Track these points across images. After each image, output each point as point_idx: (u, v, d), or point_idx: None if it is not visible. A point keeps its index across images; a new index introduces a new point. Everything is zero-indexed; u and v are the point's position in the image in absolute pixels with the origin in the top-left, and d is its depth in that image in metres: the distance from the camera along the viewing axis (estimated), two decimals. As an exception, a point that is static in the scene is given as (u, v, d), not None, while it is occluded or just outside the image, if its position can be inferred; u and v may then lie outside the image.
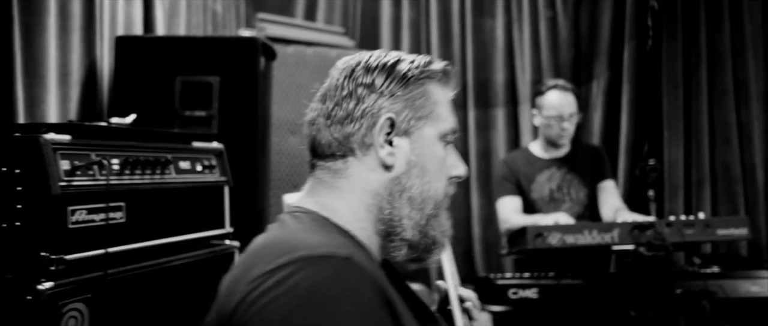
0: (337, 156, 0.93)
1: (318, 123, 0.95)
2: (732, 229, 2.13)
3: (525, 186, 2.80)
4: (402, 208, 0.92)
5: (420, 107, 0.94)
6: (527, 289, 2.10)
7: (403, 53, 1.00)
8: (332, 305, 0.71)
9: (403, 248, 0.93)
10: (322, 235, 0.84)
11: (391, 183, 0.92)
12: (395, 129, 0.92)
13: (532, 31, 3.85)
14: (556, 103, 2.73)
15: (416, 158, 0.93)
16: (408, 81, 0.93)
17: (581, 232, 2.07)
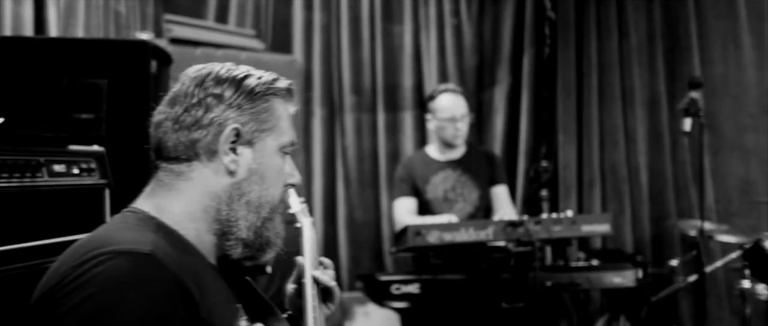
0: (182, 159, 1.00)
1: (165, 126, 1.01)
2: (595, 225, 2.31)
3: (420, 187, 2.92)
4: (239, 211, 1.00)
5: (264, 121, 1.02)
6: (409, 285, 2.21)
7: (253, 69, 1.07)
8: (123, 295, 0.80)
9: (238, 247, 1.02)
10: (135, 233, 0.91)
11: (231, 188, 1.00)
12: (240, 138, 1.00)
13: (438, 38, 4.00)
14: (449, 105, 2.87)
15: (257, 166, 1.01)
16: (255, 95, 1.02)
17: (458, 230, 2.21)
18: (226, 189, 1.00)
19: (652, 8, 3.84)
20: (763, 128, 3.87)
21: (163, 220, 0.98)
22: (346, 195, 4.00)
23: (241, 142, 1.00)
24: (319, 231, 4.01)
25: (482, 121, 4.06)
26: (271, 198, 1.04)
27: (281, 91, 1.05)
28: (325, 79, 4.02)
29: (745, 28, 3.83)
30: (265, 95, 1.02)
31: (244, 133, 1.00)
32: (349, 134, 4.01)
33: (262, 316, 1.13)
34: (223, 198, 1.00)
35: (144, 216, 0.98)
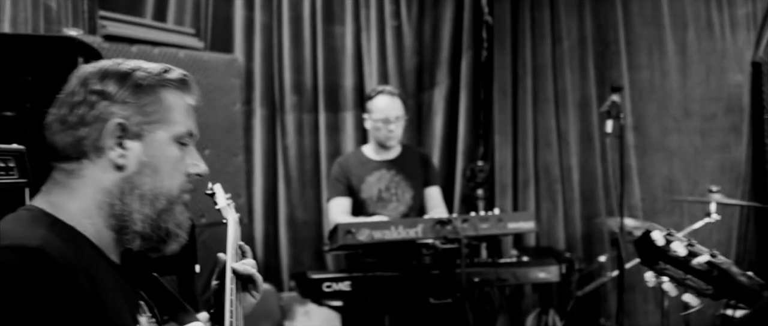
0: (71, 158, 1.00)
1: (54, 127, 1.01)
2: (521, 223, 2.41)
3: (355, 187, 2.96)
4: (132, 204, 1.01)
5: (152, 112, 1.02)
6: (340, 282, 2.25)
7: (144, 63, 1.07)
8: (10, 288, 0.81)
9: (136, 240, 1.03)
10: (25, 229, 0.91)
11: (122, 182, 1.01)
12: (126, 133, 1.00)
13: (379, 39, 4.05)
14: (384, 106, 2.92)
15: (148, 159, 1.02)
16: (140, 88, 1.02)
17: (388, 228, 2.26)
18: (118, 184, 1.00)
19: (584, 15, 4.00)
20: (686, 130, 4.09)
21: (59, 217, 0.98)
22: (286, 195, 4.01)
23: (129, 135, 1.00)
24: (259, 231, 4.00)
25: (422, 121, 4.13)
26: (167, 190, 1.04)
27: (172, 82, 1.05)
28: (266, 78, 4.01)
29: (669, 35, 4.03)
30: (152, 87, 1.02)
31: (130, 127, 1.00)
32: (290, 134, 4.02)
33: (171, 312, 1.15)
34: (115, 194, 1.00)
35: (38, 212, 0.98)
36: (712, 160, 4.14)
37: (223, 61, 3.78)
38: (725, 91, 4.15)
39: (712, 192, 3.04)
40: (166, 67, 1.07)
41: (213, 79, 3.77)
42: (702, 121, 4.10)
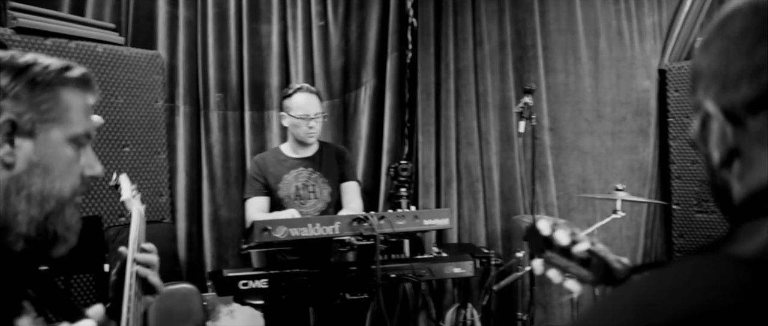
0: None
1: None
2: (436, 220, 2.49)
3: (273, 185, 2.97)
4: (18, 205, 0.96)
5: (46, 111, 0.99)
6: (257, 280, 2.26)
7: (42, 57, 1.03)
8: None
9: (19, 242, 0.98)
10: None
11: (9, 182, 0.96)
12: (17, 130, 0.96)
13: (305, 39, 4.07)
14: (303, 103, 2.94)
15: (39, 159, 0.98)
16: (36, 85, 0.98)
17: (305, 226, 2.29)
18: (4, 183, 0.95)
19: (504, 21, 4.15)
20: (598, 132, 4.32)
21: None
22: (210, 194, 3.97)
23: (19, 133, 0.95)
24: (182, 230, 3.94)
25: (348, 121, 4.18)
26: (58, 192, 1.00)
27: (71, 81, 1.02)
28: (190, 75, 3.95)
29: (583, 42, 4.25)
30: (50, 84, 0.99)
31: (22, 124, 0.96)
32: (214, 132, 3.98)
33: (64, 312, 1.13)
34: (1, 193, 0.95)
35: None
36: (622, 160, 4.39)
37: (145, 57, 3.70)
38: (634, 96, 4.41)
39: (618, 191, 3.23)
40: (66, 64, 1.04)
41: (134, 75, 3.68)
42: (613, 124, 4.34)
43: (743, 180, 0.64)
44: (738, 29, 0.62)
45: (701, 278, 0.56)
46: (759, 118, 0.61)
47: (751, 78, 0.61)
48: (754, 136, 0.62)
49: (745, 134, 0.62)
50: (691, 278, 0.57)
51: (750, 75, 0.61)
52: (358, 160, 4.09)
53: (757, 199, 0.62)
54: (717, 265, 0.58)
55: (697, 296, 0.54)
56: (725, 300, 0.53)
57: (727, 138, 0.64)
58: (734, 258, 0.56)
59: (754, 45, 0.61)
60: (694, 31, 4.45)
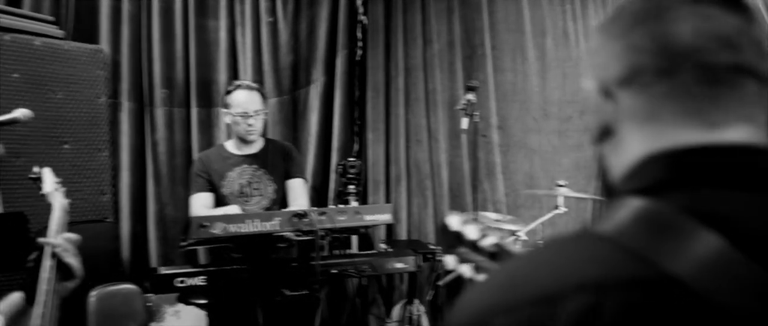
0: None
1: None
2: (377, 215, 2.50)
3: (216, 182, 2.93)
4: None
5: None
6: (194, 277, 2.23)
7: None
8: None
9: None
10: None
11: None
12: None
13: (254, 35, 4.02)
14: (243, 100, 2.90)
15: None
16: None
17: (244, 222, 2.26)
18: None
19: (453, 20, 4.19)
20: (545, 130, 4.40)
21: None
22: (155, 192, 3.89)
23: None
24: (126, 229, 3.85)
25: (297, 118, 4.15)
26: None
27: None
28: (134, 71, 3.87)
29: (530, 42, 4.32)
30: None
31: None
32: (159, 129, 3.90)
33: None
34: None
35: None
36: (568, 157, 4.48)
37: (87, 51, 3.60)
38: (580, 95, 4.51)
39: (560, 187, 3.29)
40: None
41: (75, 70, 3.58)
42: (559, 122, 4.43)
43: (617, 157, 0.66)
44: (625, 13, 0.66)
45: (561, 256, 0.58)
46: (629, 94, 0.64)
47: (622, 56, 0.64)
48: (625, 113, 0.64)
49: (617, 110, 0.65)
50: (553, 256, 0.59)
51: (622, 53, 0.64)
52: (307, 157, 4.07)
53: (624, 177, 0.64)
54: (578, 244, 0.59)
55: (556, 273, 0.56)
56: (581, 276, 0.54)
57: (602, 114, 0.66)
58: (595, 237, 0.58)
59: (632, 27, 0.64)
60: (637, 33, 4.58)
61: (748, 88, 0.61)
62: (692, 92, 0.61)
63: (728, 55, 0.61)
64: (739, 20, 0.62)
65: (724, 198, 0.57)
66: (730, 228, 0.53)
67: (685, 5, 0.63)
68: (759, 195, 0.57)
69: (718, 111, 0.61)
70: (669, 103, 0.62)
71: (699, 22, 0.62)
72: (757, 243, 0.53)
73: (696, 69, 0.61)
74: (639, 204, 0.58)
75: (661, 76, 0.62)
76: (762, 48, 0.63)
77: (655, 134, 0.63)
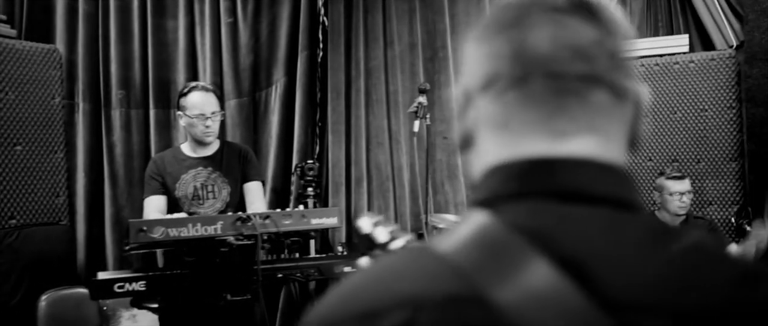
0: None
1: None
2: (324, 219, 2.47)
3: (170, 185, 2.89)
4: None
5: None
6: (134, 282, 2.20)
7: None
8: None
9: None
10: None
11: None
12: None
13: (213, 35, 3.99)
14: (199, 102, 2.86)
15: None
16: None
17: (185, 226, 2.23)
18: None
19: (414, 21, 4.19)
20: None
21: None
22: (112, 194, 3.83)
23: None
24: (81, 232, 3.79)
25: (258, 120, 4.12)
26: None
27: None
28: (90, 71, 3.81)
29: (492, 43, 4.33)
30: None
31: None
32: (116, 130, 3.85)
33: None
34: None
35: None
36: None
37: (41, 51, 3.54)
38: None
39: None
40: None
41: (28, 70, 3.52)
42: (521, 124, 4.45)
43: (477, 166, 0.66)
44: (492, 20, 0.65)
45: (394, 270, 0.58)
46: (486, 101, 0.63)
47: (484, 62, 0.64)
48: (482, 121, 0.64)
49: (476, 118, 0.64)
50: (386, 270, 0.59)
51: (483, 59, 0.64)
52: (268, 159, 4.04)
53: (473, 188, 0.64)
54: (412, 258, 0.59)
55: (382, 288, 0.56)
56: (403, 292, 0.54)
57: (464, 121, 0.66)
58: (430, 252, 0.57)
59: (496, 33, 0.64)
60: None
61: (599, 99, 0.61)
62: (542, 101, 0.61)
63: (581, 65, 0.60)
64: (596, 32, 0.62)
65: (553, 214, 0.56)
66: (557, 248, 0.53)
67: (545, 14, 0.62)
68: (589, 210, 0.56)
69: (566, 121, 0.60)
70: (520, 111, 0.61)
71: (555, 32, 0.61)
72: (579, 263, 0.52)
73: (547, 78, 0.60)
74: (476, 219, 0.57)
75: (514, 84, 0.61)
76: (619, 61, 0.63)
77: (505, 143, 0.62)
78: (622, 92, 0.63)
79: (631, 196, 0.59)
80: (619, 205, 0.57)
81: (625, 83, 0.63)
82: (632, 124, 0.65)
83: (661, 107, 4.26)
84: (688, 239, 0.55)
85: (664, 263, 0.52)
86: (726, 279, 0.50)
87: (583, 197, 0.57)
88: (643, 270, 0.51)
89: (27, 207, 3.50)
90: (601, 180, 0.58)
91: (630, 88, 0.64)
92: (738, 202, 4.07)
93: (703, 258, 0.53)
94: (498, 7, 0.66)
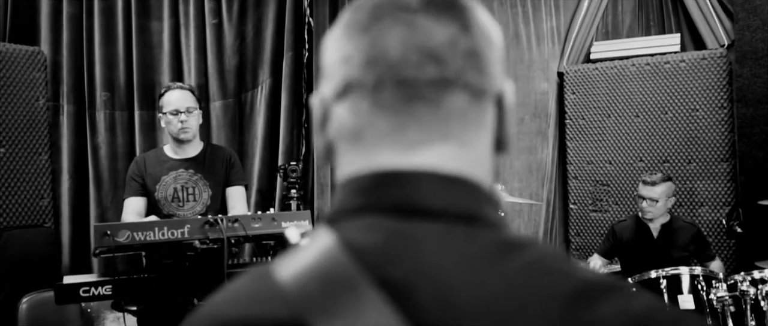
0: None
1: None
2: (295, 222, 2.45)
3: (150, 186, 2.87)
4: None
5: None
6: (99, 287, 2.18)
7: None
8: None
9: None
10: None
11: None
12: None
13: (198, 36, 3.97)
14: (174, 99, 2.85)
15: None
16: None
17: (152, 229, 2.21)
18: None
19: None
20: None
21: None
22: (96, 196, 3.83)
23: None
24: (66, 234, 3.79)
25: (244, 121, 4.11)
26: None
27: None
28: (75, 73, 3.81)
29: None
30: None
31: None
32: (101, 132, 3.84)
33: None
34: None
35: None
36: (520, 160, 4.46)
37: (25, 53, 3.54)
38: (532, 98, 4.49)
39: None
40: None
41: (12, 72, 3.52)
42: (510, 125, 4.40)
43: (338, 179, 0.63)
44: (345, 23, 0.62)
45: (237, 292, 0.56)
46: (342, 110, 0.60)
47: (339, 68, 0.60)
48: (339, 131, 0.60)
49: (335, 127, 0.61)
50: (232, 291, 0.57)
51: (338, 65, 0.60)
52: (254, 160, 4.03)
53: (331, 204, 0.61)
54: (254, 280, 0.57)
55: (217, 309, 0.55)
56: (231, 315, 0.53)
57: (324, 131, 0.62)
58: (270, 277, 0.55)
59: (349, 37, 0.60)
60: (590, 35, 4.56)
61: (454, 104, 0.57)
62: (393, 110, 0.57)
63: (431, 69, 0.56)
64: (451, 31, 0.58)
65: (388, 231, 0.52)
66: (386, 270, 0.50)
67: (396, 16, 0.58)
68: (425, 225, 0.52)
69: (416, 130, 0.57)
70: (373, 121, 0.58)
71: (406, 34, 0.57)
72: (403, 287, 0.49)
73: (397, 85, 0.57)
74: (318, 240, 0.55)
75: (367, 92, 0.58)
76: (476, 60, 0.59)
77: (360, 155, 0.58)
78: (481, 93, 0.59)
79: (478, 208, 0.55)
80: (461, 219, 0.53)
81: (484, 83, 0.59)
82: (498, 125, 0.61)
83: (652, 107, 4.20)
84: (529, 254, 0.51)
85: (496, 282, 0.48)
86: (560, 298, 0.47)
87: (421, 212, 0.53)
88: (471, 291, 0.48)
89: (11, 210, 3.51)
90: (442, 194, 0.54)
91: (490, 87, 0.59)
92: (729, 204, 4.01)
93: (540, 275, 0.49)
94: (352, 7, 0.62)
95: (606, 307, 0.46)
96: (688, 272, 2.74)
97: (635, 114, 4.30)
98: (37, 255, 3.60)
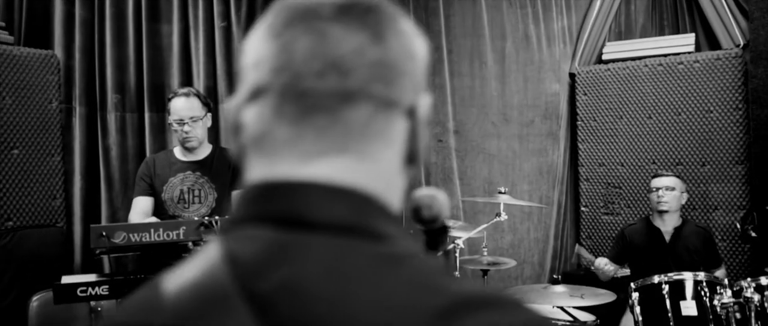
0: None
1: None
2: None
3: (158, 187, 2.93)
4: None
5: None
6: (97, 287, 2.22)
7: None
8: None
9: None
10: None
11: None
12: None
13: (207, 39, 4.02)
14: (179, 107, 2.90)
15: None
16: None
17: (148, 231, 2.25)
18: None
19: (408, 22, 4.14)
20: (505, 135, 4.34)
21: None
22: (108, 197, 3.89)
23: None
24: (78, 235, 3.86)
25: (252, 123, 4.13)
26: None
27: None
28: (87, 75, 3.88)
29: (489, 45, 4.26)
30: None
31: None
32: (112, 134, 3.91)
33: None
34: None
35: None
36: (530, 162, 4.42)
37: (39, 56, 3.62)
38: (542, 99, 4.45)
39: (501, 194, 3.24)
40: None
41: (26, 75, 3.60)
42: (520, 127, 4.37)
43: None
44: (264, 25, 0.62)
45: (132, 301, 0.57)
46: (250, 116, 0.59)
47: (251, 72, 0.60)
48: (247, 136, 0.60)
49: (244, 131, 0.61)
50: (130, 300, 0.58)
51: (251, 69, 0.60)
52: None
53: None
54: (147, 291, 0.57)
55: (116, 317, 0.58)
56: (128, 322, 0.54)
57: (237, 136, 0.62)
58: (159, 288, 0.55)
59: (263, 40, 0.60)
60: (602, 35, 4.50)
61: (355, 117, 0.56)
62: (293, 119, 0.56)
63: (334, 79, 0.56)
64: (360, 39, 0.57)
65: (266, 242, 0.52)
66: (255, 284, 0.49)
67: (308, 23, 0.57)
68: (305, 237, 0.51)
69: (313, 141, 0.56)
70: (275, 129, 0.57)
71: (314, 43, 0.56)
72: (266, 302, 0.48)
73: (299, 95, 0.56)
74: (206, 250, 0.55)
75: (272, 99, 0.57)
76: (386, 70, 0.57)
77: (262, 164, 0.58)
78: (388, 105, 0.57)
79: (366, 221, 0.53)
80: (344, 232, 0.52)
81: (392, 94, 0.57)
82: (409, 139, 0.60)
83: (665, 109, 4.12)
84: (407, 269, 0.50)
85: (365, 296, 0.48)
86: (428, 313, 0.46)
87: (305, 223, 0.52)
88: (336, 306, 0.47)
89: (24, 210, 3.59)
90: (328, 206, 0.53)
91: (399, 99, 0.58)
92: (744, 207, 3.92)
93: (413, 290, 0.48)
94: (273, 10, 0.62)
95: (472, 322, 0.46)
96: (691, 277, 2.68)
97: (648, 115, 4.22)
98: (49, 255, 3.68)
